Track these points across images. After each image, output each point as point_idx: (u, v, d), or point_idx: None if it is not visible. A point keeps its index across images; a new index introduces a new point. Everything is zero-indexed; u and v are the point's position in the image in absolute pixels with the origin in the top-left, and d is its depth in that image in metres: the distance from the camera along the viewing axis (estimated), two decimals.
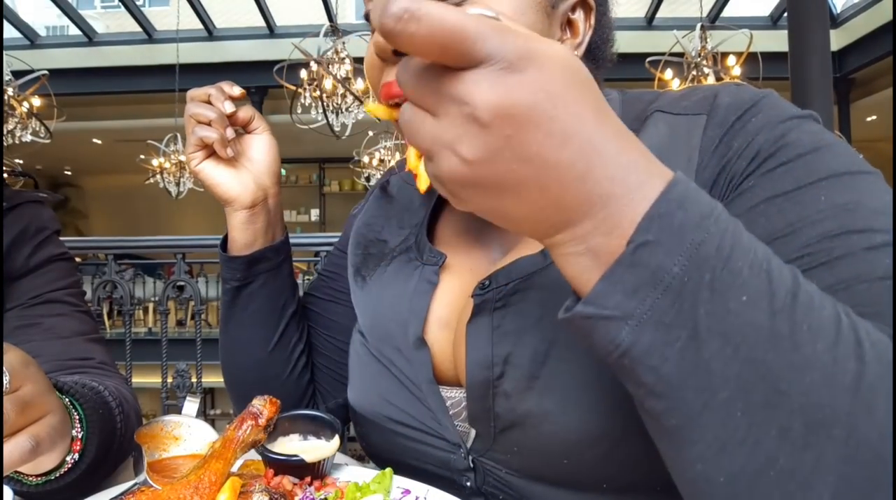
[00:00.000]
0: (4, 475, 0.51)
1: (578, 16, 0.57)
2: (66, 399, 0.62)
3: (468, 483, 0.60)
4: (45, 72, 5.67)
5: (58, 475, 0.60)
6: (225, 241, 0.74)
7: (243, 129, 0.72)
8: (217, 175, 0.69)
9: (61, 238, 0.91)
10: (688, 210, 0.32)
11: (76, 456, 0.61)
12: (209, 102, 0.67)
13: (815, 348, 0.31)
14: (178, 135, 6.85)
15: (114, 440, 0.67)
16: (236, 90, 0.68)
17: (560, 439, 0.50)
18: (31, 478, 0.60)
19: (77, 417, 0.62)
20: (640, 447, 0.45)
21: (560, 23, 0.56)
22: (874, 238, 0.40)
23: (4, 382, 0.49)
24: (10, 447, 0.49)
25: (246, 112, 0.71)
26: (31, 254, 0.84)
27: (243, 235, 0.71)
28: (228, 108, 0.67)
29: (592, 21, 0.58)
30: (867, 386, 0.31)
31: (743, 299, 0.31)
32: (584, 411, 0.48)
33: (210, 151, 0.69)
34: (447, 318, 0.61)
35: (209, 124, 0.66)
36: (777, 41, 5.57)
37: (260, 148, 0.72)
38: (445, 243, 0.66)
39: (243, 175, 0.70)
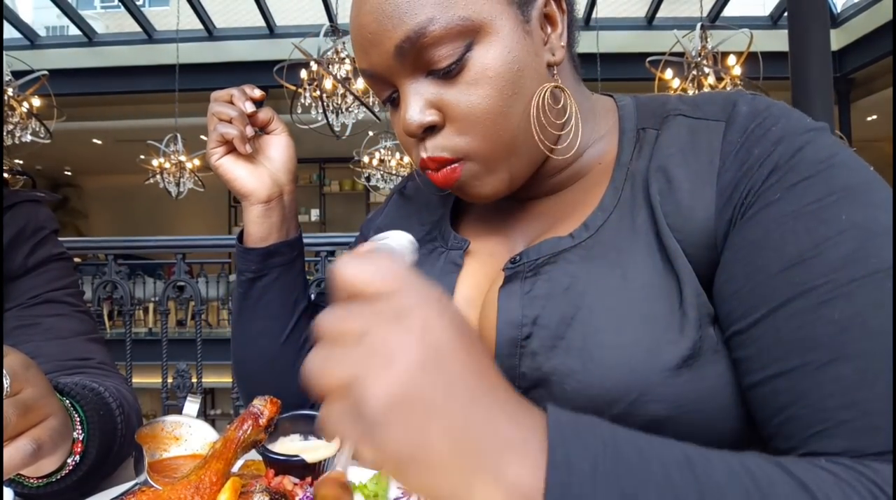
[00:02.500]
0: (6, 478, 0.50)
1: (551, 7, 0.58)
2: (67, 401, 0.62)
3: None
4: (45, 72, 5.67)
5: (59, 476, 0.60)
6: (241, 235, 0.77)
7: (262, 130, 0.76)
8: (235, 170, 0.73)
9: (60, 238, 0.91)
10: (577, 472, 0.32)
11: (77, 458, 0.61)
12: (231, 103, 0.71)
13: None
14: (178, 135, 6.85)
15: (114, 442, 0.67)
16: (257, 92, 0.73)
17: (582, 395, 0.51)
18: (32, 480, 0.60)
19: (78, 419, 0.62)
20: (656, 410, 0.48)
21: (539, 24, 0.58)
22: (889, 259, 0.42)
23: (5, 385, 0.49)
24: (11, 450, 0.49)
25: (265, 114, 0.74)
26: (30, 254, 0.84)
27: (259, 228, 0.74)
28: (249, 107, 0.71)
29: (564, 5, 0.60)
30: None
31: None
32: (606, 370, 0.50)
33: (230, 148, 0.72)
34: (472, 297, 0.63)
35: (230, 122, 0.70)
36: (777, 41, 5.58)
37: (277, 147, 0.76)
38: (468, 233, 0.69)
39: (260, 171, 0.74)
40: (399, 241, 0.42)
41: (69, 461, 0.60)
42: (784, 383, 0.44)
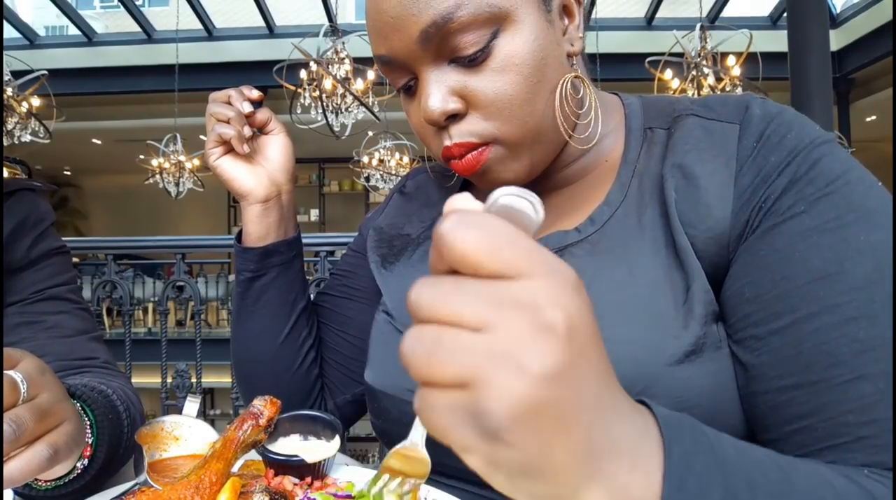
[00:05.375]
0: (23, 483, 0.50)
1: None
2: (78, 404, 0.62)
3: None
4: (45, 72, 5.66)
5: (66, 480, 0.60)
6: (240, 235, 0.77)
7: (260, 130, 0.76)
8: (233, 170, 0.73)
9: (61, 237, 0.90)
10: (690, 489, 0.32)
11: (86, 462, 0.61)
12: (229, 103, 0.71)
13: None
14: (178, 135, 6.85)
15: (121, 444, 0.67)
16: (255, 93, 0.73)
17: None
18: (40, 483, 0.60)
19: (88, 422, 0.62)
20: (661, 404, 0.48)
21: (559, 14, 0.58)
22: None
23: (22, 390, 0.49)
24: (28, 455, 0.49)
25: (263, 114, 0.75)
26: (32, 246, 0.82)
27: (257, 228, 0.74)
28: (246, 108, 0.71)
29: None
30: None
31: None
32: (611, 364, 0.50)
33: (228, 148, 0.72)
34: None
35: (228, 122, 0.70)
36: (777, 41, 5.58)
37: (275, 148, 0.76)
38: None
39: (258, 171, 0.74)
40: (522, 201, 0.31)
41: (78, 464, 0.60)
42: (802, 395, 0.46)
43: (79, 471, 0.60)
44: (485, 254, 0.27)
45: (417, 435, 0.36)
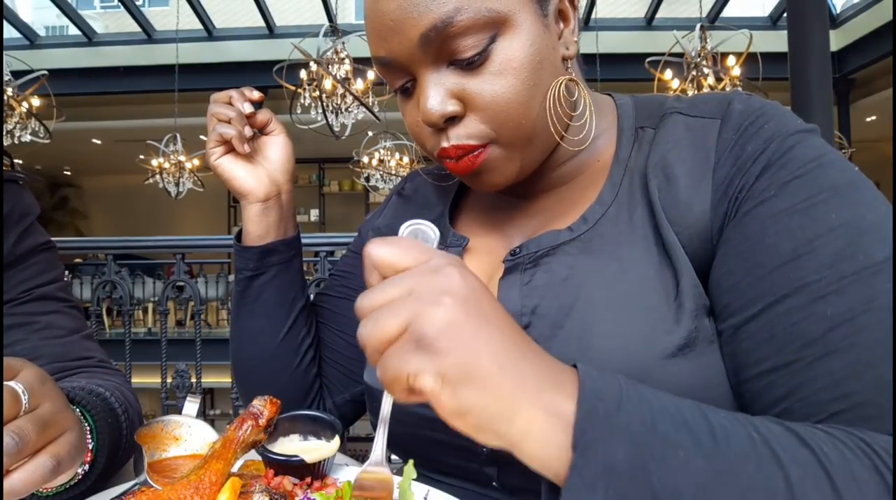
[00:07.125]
0: (26, 494, 0.50)
1: (565, 4, 0.60)
2: (77, 410, 0.62)
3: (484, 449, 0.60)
4: (45, 72, 5.66)
5: (68, 486, 0.60)
6: (239, 234, 0.78)
7: (260, 131, 0.77)
8: (234, 169, 0.74)
9: (60, 238, 0.88)
10: (605, 399, 0.37)
11: (86, 468, 0.60)
12: (230, 104, 0.72)
13: (749, 471, 0.37)
14: (178, 135, 6.85)
15: (120, 447, 0.67)
16: (255, 94, 0.74)
17: None
18: (41, 490, 0.59)
19: (87, 428, 0.61)
20: None
21: (554, 19, 0.59)
22: (877, 256, 0.44)
23: (23, 401, 0.48)
24: (31, 467, 0.48)
25: (264, 115, 0.76)
26: (17, 242, 0.79)
27: (257, 227, 0.75)
28: (247, 108, 0.72)
29: (576, 1, 0.61)
30: (797, 486, 0.36)
31: (681, 456, 0.36)
32: (604, 359, 0.51)
33: (229, 148, 0.73)
34: None
35: (229, 122, 0.71)
36: (777, 41, 5.58)
37: (275, 148, 0.77)
38: (466, 231, 0.70)
39: (258, 171, 0.75)
40: (423, 226, 0.49)
41: (79, 470, 0.60)
42: (778, 378, 0.46)
43: (79, 477, 0.60)
44: (396, 256, 0.40)
45: (379, 448, 0.46)
